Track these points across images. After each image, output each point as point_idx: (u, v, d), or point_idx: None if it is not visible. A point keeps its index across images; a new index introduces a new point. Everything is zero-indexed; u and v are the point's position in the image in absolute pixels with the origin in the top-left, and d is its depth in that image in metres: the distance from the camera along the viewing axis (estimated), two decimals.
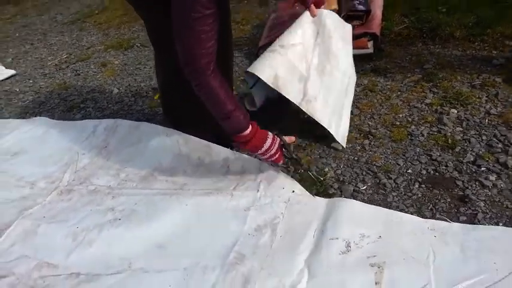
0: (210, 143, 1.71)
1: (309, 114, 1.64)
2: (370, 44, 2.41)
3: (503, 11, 2.43)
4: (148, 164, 1.78)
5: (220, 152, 1.68)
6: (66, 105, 2.64)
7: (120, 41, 3.62)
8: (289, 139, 1.46)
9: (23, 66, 3.56)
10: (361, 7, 2.54)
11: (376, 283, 1.12)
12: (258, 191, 1.49)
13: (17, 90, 3.05)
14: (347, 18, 2.56)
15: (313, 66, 1.72)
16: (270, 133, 1.41)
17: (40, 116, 2.48)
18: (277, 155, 1.43)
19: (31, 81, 3.16)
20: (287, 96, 1.59)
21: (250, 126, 1.36)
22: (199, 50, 1.23)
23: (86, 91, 2.78)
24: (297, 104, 1.62)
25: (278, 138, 1.43)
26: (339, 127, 1.71)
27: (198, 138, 1.73)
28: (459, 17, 2.47)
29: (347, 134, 1.74)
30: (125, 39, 3.66)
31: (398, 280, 1.12)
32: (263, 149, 1.39)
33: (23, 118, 2.52)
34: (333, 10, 2.60)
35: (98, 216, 1.54)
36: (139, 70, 2.91)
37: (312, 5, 1.58)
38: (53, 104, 2.70)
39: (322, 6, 2.57)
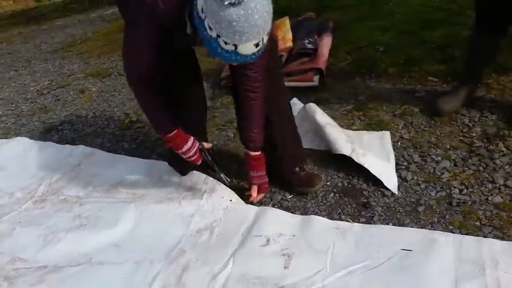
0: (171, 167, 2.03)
1: (361, 164, 1.84)
2: (316, 77, 2.76)
3: (429, 51, 2.82)
4: (114, 180, 2.07)
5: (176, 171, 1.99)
6: (45, 127, 2.91)
7: (99, 70, 3.94)
8: (207, 145, 1.74)
9: (7, 92, 3.84)
10: (310, 46, 2.90)
11: (284, 267, 1.41)
12: (201, 199, 1.79)
13: (0, 113, 3.32)
14: (298, 55, 2.94)
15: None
16: (191, 138, 1.67)
17: (20, 136, 2.75)
18: (195, 156, 1.69)
19: (13, 105, 3.44)
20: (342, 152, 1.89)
21: (176, 130, 1.62)
22: (132, 67, 1.52)
23: (64, 115, 3.06)
24: (349, 155, 1.87)
25: (197, 143, 1.69)
26: (389, 178, 1.82)
27: (164, 164, 2.06)
28: (393, 55, 2.85)
29: (396, 182, 1.81)
30: (104, 68, 3.97)
31: (302, 265, 1.42)
32: (184, 149, 1.65)
33: (5, 139, 2.78)
34: (288, 47, 2.97)
35: (66, 221, 1.81)
36: (114, 97, 3.21)
37: (255, 187, 1.73)
38: (33, 126, 2.97)
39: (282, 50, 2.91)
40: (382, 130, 2.17)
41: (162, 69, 1.50)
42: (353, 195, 1.76)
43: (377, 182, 1.80)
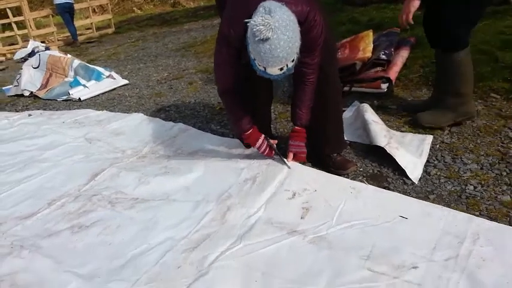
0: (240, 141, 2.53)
1: (391, 154, 2.14)
2: (384, 85, 3.06)
3: (499, 69, 2.94)
4: (196, 148, 2.64)
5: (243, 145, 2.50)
6: (157, 107, 3.63)
7: (208, 67, 4.63)
8: (273, 141, 2.19)
9: (135, 79, 4.72)
10: (383, 57, 3.21)
11: (301, 218, 1.82)
12: (253, 160, 2.29)
13: (127, 94, 4.16)
14: (372, 64, 3.26)
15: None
16: (262, 136, 2.14)
17: (138, 112, 3.49)
18: (267, 151, 2.18)
19: (137, 90, 4.26)
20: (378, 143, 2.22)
21: (251, 130, 2.11)
22: (220, 80, 2.06)
23: (173, 100, 3.76)
24: (383, 146, 2.19)
25: (266, 141, 2.16)
26: (414, 170, 2.09)
27: (235, 141, 2.58)
28: None
29: (420, 175, 2.07)
30: (212, 66, 4.63)
31: (315, 217, 1.81)
32: (256, 145, 2.15)
33: (127, 113, 3.55)
34: (365, 57, 3.30)
35: (156, 169, 2.40)
36: (213, 89, 3.84)
37: (291, 154, 2.15)
38: (149, 106, 3.71)
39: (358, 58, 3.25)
40: (426, 133, 2.42)
41: (240, 81, 1.99)
42: (378, 180, 2.08)
43: (404, 174, 2.09)
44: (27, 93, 4.64)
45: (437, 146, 2.31)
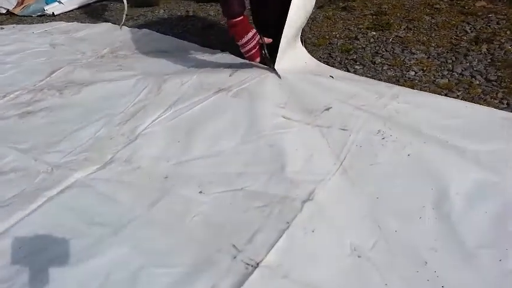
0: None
1: None
2: None
3: None
4: (152, 48, 2.62)
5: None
6: (127, 18, 3.54)
7: None
8: (267, 40, 1.79)
9: None
10: None
11: (229, 75, 1.89)
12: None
13: (100, 8, 4.09)
14: None
15: None
16: (253, 29, 1.75)
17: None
18: (254, 51, 1.79)
19: (112, 3, 4.18)
20: None
21: (242, 17, 1.72)
22: None
23: (143, 11, 3.70)
24: None
25: (258, 36, 1.76)
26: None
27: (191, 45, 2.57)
28: None
29: None
30: None
31: (242, 74, 1.89)
32: (244, 40, 1.75)
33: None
34: None
35: (111, 67, 2.41)
36: (183, 1, 3.75)
37: None
38: (118, 17, 3.64)
39: None
40: (383, 29, 2.38)
41: None
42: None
43: (348, 63, 2.08)
44: (3, 11, 4.56)
45: (390, 39, 2.27)
